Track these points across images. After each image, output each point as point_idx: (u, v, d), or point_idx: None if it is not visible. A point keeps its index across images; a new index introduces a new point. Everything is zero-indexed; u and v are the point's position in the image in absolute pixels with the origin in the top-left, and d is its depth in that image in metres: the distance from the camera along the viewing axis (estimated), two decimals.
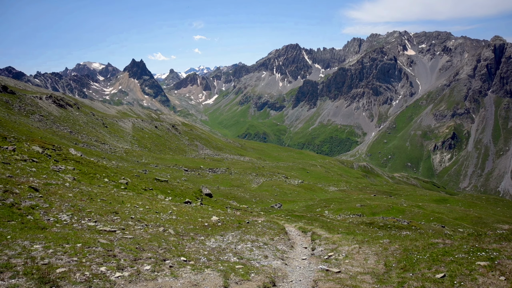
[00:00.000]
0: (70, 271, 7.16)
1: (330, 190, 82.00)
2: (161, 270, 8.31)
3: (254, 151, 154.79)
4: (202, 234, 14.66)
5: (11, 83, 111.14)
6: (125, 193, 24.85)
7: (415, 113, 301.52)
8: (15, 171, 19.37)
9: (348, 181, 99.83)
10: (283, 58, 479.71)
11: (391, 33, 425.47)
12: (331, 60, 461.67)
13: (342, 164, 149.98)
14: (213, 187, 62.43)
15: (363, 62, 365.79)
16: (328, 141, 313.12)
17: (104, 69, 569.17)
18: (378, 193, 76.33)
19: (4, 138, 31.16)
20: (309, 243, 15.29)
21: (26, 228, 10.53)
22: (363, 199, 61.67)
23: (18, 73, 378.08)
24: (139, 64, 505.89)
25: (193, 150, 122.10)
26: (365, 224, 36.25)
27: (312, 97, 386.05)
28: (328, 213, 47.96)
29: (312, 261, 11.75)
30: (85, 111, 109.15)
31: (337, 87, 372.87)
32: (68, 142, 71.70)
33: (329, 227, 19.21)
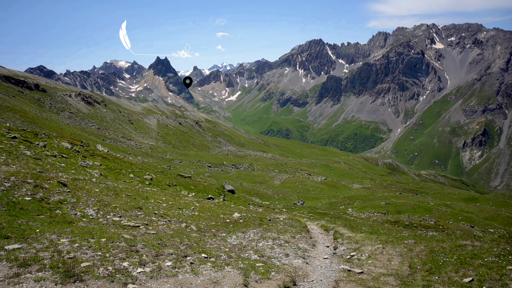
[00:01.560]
0: (94, 265, 7.34)
1: (354, 188, 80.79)
2: (182, 266, 8.39)
3: (277, 148, 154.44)
4: (224, 231, 14.73)
5: (43, 81, 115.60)
6: (150, 188, 25.34)
7: (443, 108, 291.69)
8: (45, 167, 20.11)
9: (372, 179, 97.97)
10: (306, 53, 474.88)
11: (418, 26, 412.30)
12: (355, 55, 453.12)
13: (367, 161, 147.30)
14: (236, 183, 62.80)
15: (389, 57, 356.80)
16: (352, 138, 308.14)
17: (130, 67, 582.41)
18: (403, 191, 74.48)
19: (35, 135, 32.42)
20: (331, 242, 15.08)
21: (54, 222, 10.89)
22: (388, 197, 60.38)
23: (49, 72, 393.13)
24: (164, 61, 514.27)
25: (216, 146, 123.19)
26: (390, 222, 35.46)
27: (335, 93, 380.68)
28: (352, 211, 47.26)
29: (334, 260, 11.58)
30: (112, 108, 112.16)
31: (362, 83, 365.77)
32: (96, 138, 73.94)
33: (352, 226, 18.88)
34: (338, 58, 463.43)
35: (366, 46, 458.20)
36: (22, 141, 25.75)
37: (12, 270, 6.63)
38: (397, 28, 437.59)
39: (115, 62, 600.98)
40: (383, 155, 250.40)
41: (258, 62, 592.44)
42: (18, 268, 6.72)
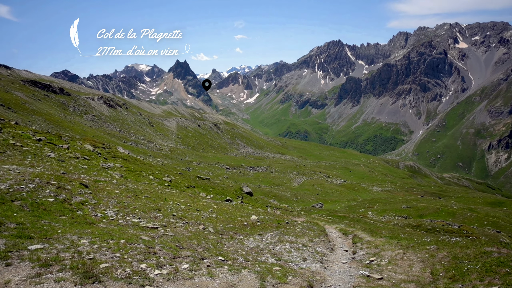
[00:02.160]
0: (112, 266, 7.44)
1: (374, 190, 79.48)
2: (199, 269, 8.41)
3: (295, 150, 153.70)
4: (241, 234, 14.71)
5: (67, 85, 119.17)
6: (168, 190, 25.63)
7: (467, 109, 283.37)
8: (68, 168, 20.65)
9: (393, 181, 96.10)
10: (325, 55, 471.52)
11: (441, 26, 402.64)
12: (375, 56, 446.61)
13: (387, 163, 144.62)
14: (254, 185, 62.83)
15: (410, 57, 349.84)
16: (372, 140, 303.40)
17: (150, 71, 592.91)
18: (425, 194, 72.71)
19: (59, 137, 33.38)
20: (350, 246, 14.82)
21: (76, 223, 11.14)
22: (409, 200, 59.06)
23: (73, 76, 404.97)
24: (183, 64, 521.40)
25: (234, 148, 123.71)
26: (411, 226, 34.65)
27: (355, 95, 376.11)
28: (372, 214, 46.46)
29: (352, 265, 11.35)
30: (133, 111, 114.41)
31: (382, 84, 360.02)
32: (117, 141, 75.55)
33: (372, 230, 18.51)
34: (357, 59, 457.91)
35: (386, 46, 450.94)
36: (47, 143, 26.55)
37: (34, 270, 6.80)
38: (418, 27, 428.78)
39: (136, 66, 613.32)
40: (404, 158, 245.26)
41: (277, 64, 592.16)
42: (40, 268, 6.89)
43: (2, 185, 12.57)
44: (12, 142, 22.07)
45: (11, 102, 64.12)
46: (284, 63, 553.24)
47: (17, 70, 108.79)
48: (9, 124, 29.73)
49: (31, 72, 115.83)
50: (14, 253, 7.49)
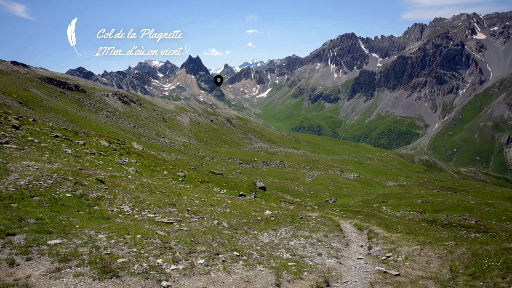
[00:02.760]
0: (129, 261, 7.52)
1: (388, 185, 78.59)
2: (214, 264, 8.44)
3: (308, 144, 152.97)
4: (255, 228, 14.72)
5: (82, 82, 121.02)
6: (183, 185, 25.83)
7: (485, 102, 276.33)
8: (84, 164, 20.98)
9: (408, 176, 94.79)
10: (338, 48, 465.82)
11: (458, 16, 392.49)
12: (389, 49, 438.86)
13: (402, 157, 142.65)
14: (267, 180, 62.84)
15: (426, 49, 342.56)
16: (386, 134, 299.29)
17: (163, 66, 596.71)
18: (441, 189, 71.46)
19: (76, 133, 33.96)
20: (365, 242, 14.67)
21: (93, 218, 11.32)
22: (424, 195, 58.18)
23: (88, 73, 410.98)
24: (195, 60, 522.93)
25: (247, 143, 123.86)
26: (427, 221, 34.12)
27: (369, 88, 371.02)
28: (386, 209, 45.98)
29: (368, 261, 11.23)
30: (147, 107, 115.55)
31: (396, 77, 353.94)
32: (131, 136, 76.49)
33: (387, 225, 18.27)
34: (371, 52, 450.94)
35: (401, 38, 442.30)
36: (64, 140, 27.03)
37: (53, 265, 6.93)
38: (434, 19, 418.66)
39: (149, 62, 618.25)
40: (419, 152, 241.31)
41: (289, 58, 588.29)
42: (59, 263, 7.02)
43: (22, 181, 12.84)
44: (30, 139, 22.53)
45: (29, 100, 65.50)
46: (296, 57, 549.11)
47: (34, 68, 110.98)
48: (27, 121, 30.37)
49: (48, 70, 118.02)
50: (34, 247, 7.65)
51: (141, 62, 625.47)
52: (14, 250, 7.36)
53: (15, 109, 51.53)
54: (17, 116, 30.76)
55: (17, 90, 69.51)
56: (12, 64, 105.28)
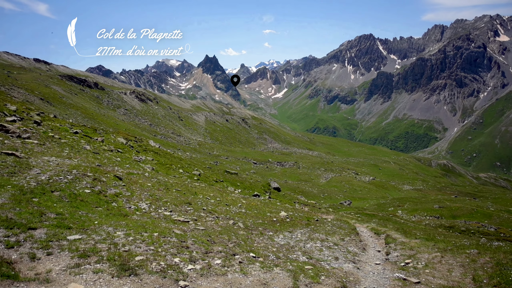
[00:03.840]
0: (147, 259, 7.54)
1: (404, 189, 77.26)
2: (231, 265, 8.38)
3: (323, 146, 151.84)
4: (271, 230, 14.63)
5: (101, 80, 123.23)
6: (198, 184, 25.94)
7: (507, 106, 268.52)
8: (103, 161, 21.30)
9: (425, 180, 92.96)
10: (356, 49, 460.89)
11: (480, 18, 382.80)
12: (408, 50, 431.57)
13: (419, 161, 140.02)
14: (280, 181, 62.64)
15: (446, 51, 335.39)
16: (403, 137, 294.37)
17: (180, 66, 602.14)
18: (459, 194, 69.79)
19: (94, 130, 34.54)
20: (382, 247, 14.38)
21: (111, 214, 11.43)
22: (442, 200, 56.93)
23: (107, 71, 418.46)
24: (212, 59, 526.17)
25: (261, 143, 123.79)
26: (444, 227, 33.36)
27: (386, 90, 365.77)
28: (402, 213, 45.19)
29: (386, 267, 10.98)
30: (163, 105, 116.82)
31: (415, 79, 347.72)
32: (148, 134, 77.42)
33: (405, 230, 17.89)
34: (389, 54, 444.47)
35: (421, 40, 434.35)
36: (83, 136, 27.52)
37: (73, 260, 7.00)
38: (455, 20, 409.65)
39: (166, 61, 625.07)
40: (437, 156, 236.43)
41: (305, 59, 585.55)
42: (79, 259, 7.08)
43: (43, 175, 13.08)
44: (51, 135, 22.99)
45: (50, 96, 67.06)
46: (313, 58, 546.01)
47: (55, 66, 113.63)
48: (48, 117, 31.04)
49: (68, 68, 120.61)
50: (54, 242, 7.75)
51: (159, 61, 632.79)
52: (35, 244, 7.47)
53: (37, 105, 52.81)
54: (39, 112, 31.48)
55: (39, 86, 71.27)
56: (35, 61, 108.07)
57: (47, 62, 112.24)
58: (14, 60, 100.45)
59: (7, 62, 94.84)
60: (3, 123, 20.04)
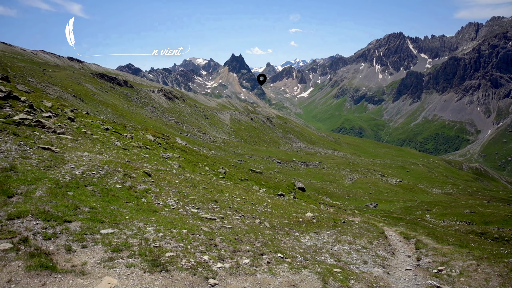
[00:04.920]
0: (177, 256, 7.62)
1: (433, 192, 74.92)
2: (259, 265, 8.34)
3: (349, 146, 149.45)
4: (297, 230, 14.50)
5: (130, 78, 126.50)
6: (223, 182, 26.11)
7: None
8: (132, 157, 21.81)
9: (455, 184, 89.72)
10: (384, 48, 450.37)
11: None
12: (440, 49, 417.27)
13: (449, 164, 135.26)
14: (305, 181, 62.17)
15: (480, 50, 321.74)
16: (433, 139, 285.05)
17: (207, 64, 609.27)
18: (492, 200, 66.89)
19: (124, 127, 35.47)
20: (412, 252, 13.94)
21: (141, 210, 11.67)
22: (473, 205, 54.69)
23: (136, 69, 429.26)
24: (238, 58, 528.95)
25: (286, 142, 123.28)
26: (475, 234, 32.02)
27: (415, 90, 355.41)
28: (430, 217, 43.78)
29: (418, 273, 10.62)
30: (189, 103, 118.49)
31: (447, 79, 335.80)
32: (174, 132, 78.78)
33: (437, 236, 17.28)
34: (420, 53, 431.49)
35: (453, 38, 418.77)
36: (113, 133, 28.30)
37: (106, 254, 7.18)
38: (491, 17, 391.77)
39: (193, 60, 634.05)
40: (469, 159, 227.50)
41: (332, 58, 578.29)
42: (112, 253, 7.25)
43: (77, 170, 13.53)
44: (83, 131, 23.77)
45: (82, 93, 69.48)
46: (340, 57, 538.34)
47: (87, 64, 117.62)
48: (81, 113, 32.12)
49: (100, 66, 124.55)
50: (88, 235, 7.98)
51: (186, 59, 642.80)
52: (71, 237, 7.72)
53: (70, 102, 54.83)
54: (73, 108, 32.63)
55: (72, 84, 73.96)
56: (69, 60, 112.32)
57: (80, 61, 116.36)
58: (50, 59, 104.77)
59: (43, 60, 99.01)
60: (40, 118, 20.88)
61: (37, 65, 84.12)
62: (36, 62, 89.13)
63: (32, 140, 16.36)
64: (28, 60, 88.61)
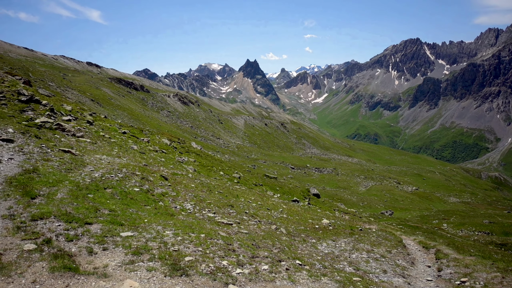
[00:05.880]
0: (196, 260, 7.61)
1: (450, 201, 73.26)
2: (278, 272, 8.24)
3: (364, 153, 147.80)
4: (313, 237, 14.34)
5: (147, 83, 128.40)
6: (238, 187, 26.11)
7: None
8: (148, 160, 22.03)
9: (473, 193, 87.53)
10: (401, 54, 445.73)
11: None
12: (458, 55, 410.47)
13: (467, 172, 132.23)
14: (318, 187, 61.67)
15: (501, 56, 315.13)
16: (450, 146, 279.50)
17: (222, 70, 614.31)
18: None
19: (141, 131, 35.94)
20: (433, 262, 13.59)
21: (159, 213, 11.73)
22: (492, 215, 53.21)
23: (152, 74, 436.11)
24: (253, 64, 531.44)
25: (300, 148, 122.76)
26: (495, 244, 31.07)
27: (433, 97, 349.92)
28: (447, 227, 42.75)
29: (440, 284, 10.33)
30: (204, 108, 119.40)
31: (465, 85, 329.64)
32: (189, 136, 79.41)
33: (457, 246, 16.82)
34: (437, 59, 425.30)
35: (472, 44, 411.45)
36: (130, 136, 28.70)
37: (127, 257, 7.22)
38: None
39: (208, 65, 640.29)
40: (488, 167, 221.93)
41: (347, 64, 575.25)
42: (132, 256, 7.29)
43: (96, 173, 13.73)
44: (102, 134, 24.17)
45: (100, 98, 70.83)
46: (355, 63, 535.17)
47: (105, 69, 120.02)
48: (99, 117, 32.70)
49: (117, 71, 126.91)
50: (109, 238, 8.06)
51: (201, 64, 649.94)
52: (92, 239, 7.80)
53: (88, 106, 55.94)
54: (91, 112, 33.27)
55: (90, 88, 75.52)
56: (87, 64, 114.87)
57: (99, 66, 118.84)
58: (69, 63, 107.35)
59: (63, 65, 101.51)
60: (60, 122, 21.34)
61: (57, 70, 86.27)
62: (56, 67, 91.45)
63: (53, 142, 16.71)
64: (48, 65, 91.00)
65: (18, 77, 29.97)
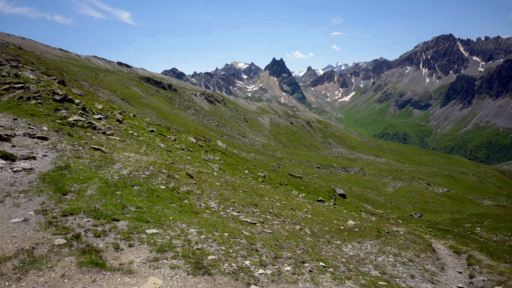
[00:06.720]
0: (219, 260, 7.64)
1: (484, 204, 70.10)
2: (301, 273, 8.14)
3: (392, 153, 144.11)
4: (338, 238, 14.10)
5: (174, 82, 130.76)
6: (263, 186, 26.09)
7: None
8: (175, 158, 22.40)
9: (510, 196, 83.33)
10: (432, 51, 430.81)
11: None
12: (494, 51, 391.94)
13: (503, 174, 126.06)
14: (345, 187, 60.69)
15: None
16: (485, 147, 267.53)
17: (248, 68, 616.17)
18: None
19: (168, 129, 36.61)
20: (464, 268, 13.03)
21: (183, 211, 11.90)
22: None
23: (180, 74, 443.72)
24: (279, 62, 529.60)
25: (326, 147, 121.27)
26: None
27: (466, 95, 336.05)
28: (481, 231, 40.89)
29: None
30: (230, 107, 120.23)
31: (502, 83, 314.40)
32: (215, 134, 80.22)
33: (491, 252, 16.05)
34: (471, 55, 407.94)
35: (510, 40, 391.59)
36: (158, 135, 29.30)
37: (152, 254, 7.35)
38: None
39: (235, 64, 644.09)
40: None
41: (376, 61, 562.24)
42: (157, 253, 7.42)
43: (124, 170, 14.10)
44: (131, 132, 24.81)
45: (129, 97, 72.80)
46: (384, 60, 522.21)
47: (135, 68, 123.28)
48: (128, 116, 33.59)
49: (146, 70, 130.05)
50: (135, 234, 8.24)
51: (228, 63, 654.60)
52: (119, 235, 8.00)
53: (118, 104, 57.62)
54: (121, 111, 34.23)
55: (120, 87, 77.77)
56: (118, 64, 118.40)
57: (128, 65, 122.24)
58: (101, 64, 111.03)
59: (95, 65, 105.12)
60: (92, 120, 22.08)
61: (89, 70, 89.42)
62: (89, 67, 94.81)
63: (84, 140, 17.30)
64: (82, 65, 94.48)
65: (53, 77, 31.26)
